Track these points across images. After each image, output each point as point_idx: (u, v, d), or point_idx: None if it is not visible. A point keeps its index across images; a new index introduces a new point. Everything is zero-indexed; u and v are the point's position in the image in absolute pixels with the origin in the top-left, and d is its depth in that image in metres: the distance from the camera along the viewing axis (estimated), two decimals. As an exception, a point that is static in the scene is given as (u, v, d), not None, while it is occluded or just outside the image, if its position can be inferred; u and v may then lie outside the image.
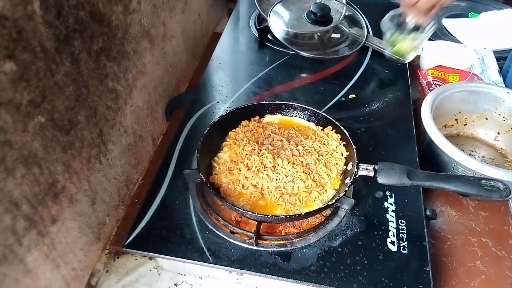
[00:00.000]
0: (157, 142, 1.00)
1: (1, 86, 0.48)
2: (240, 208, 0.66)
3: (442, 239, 0.83)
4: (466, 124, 1.04)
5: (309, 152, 0.79)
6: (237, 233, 0.71)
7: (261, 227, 0.70)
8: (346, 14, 1.22)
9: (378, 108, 1.01)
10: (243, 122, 0.84)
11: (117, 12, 0.73)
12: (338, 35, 1.21)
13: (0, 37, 0.46)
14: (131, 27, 0.79)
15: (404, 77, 1.13)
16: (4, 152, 0.50)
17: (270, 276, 0.67)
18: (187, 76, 1.21)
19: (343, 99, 1.03)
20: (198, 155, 0.73)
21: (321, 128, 0.86)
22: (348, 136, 0.80)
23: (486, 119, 1.03)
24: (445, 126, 1.03)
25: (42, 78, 0.54)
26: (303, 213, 0.66)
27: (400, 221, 0.75)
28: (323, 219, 0.74)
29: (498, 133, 1.02)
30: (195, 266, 0.73)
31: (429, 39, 1.16)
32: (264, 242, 0.70)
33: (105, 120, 0.73)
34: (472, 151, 1.02)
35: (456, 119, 1.03)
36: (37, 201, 0.57)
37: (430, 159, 0.92)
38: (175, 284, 0.77)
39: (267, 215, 0.67)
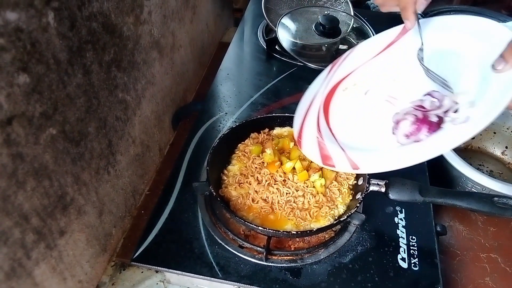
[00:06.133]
0: (163, 152, 1.00)
1: (14, 99, 0.47)
2: (250, 223, 0.65)
3: (451, 254, 0.82)
4: (473, 138, 1.04)
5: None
6: (246, 247, 0.70)
7: (271, 241, 0.69)
8: (354, 26, 1.22)
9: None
10: (253, 135, 0.83)
11: (128, 23, 0.73)
12: (345, 47, 1.21)
13: (15, 49, 0.46)
14: (142, 38, 0.79)
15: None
16: (16, 165, 0.49)
17: (280, 292, 0.66)
18: (194, 85, 1.21)
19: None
20: (208, 167, 0.72)
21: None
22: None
23: (494, 133, 1.02)
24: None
25: (54, 90, 0.54)
26: (314, 229, 0.65)
27: (410, 237, 0.74)
28: (333, 234, 0.73)
29: (506, 147, 1.02)
30: (203, 280, 0.72)
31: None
32: (273, 257, 0.69)
33: (114, 131, 0.73)
34: (480, 165, 1.01)
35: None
36: (46, 214, 0.57)
37: (439, 174, 0.91)
38: (182, 298, 0.76)
39: (278, 231, 0.66)
